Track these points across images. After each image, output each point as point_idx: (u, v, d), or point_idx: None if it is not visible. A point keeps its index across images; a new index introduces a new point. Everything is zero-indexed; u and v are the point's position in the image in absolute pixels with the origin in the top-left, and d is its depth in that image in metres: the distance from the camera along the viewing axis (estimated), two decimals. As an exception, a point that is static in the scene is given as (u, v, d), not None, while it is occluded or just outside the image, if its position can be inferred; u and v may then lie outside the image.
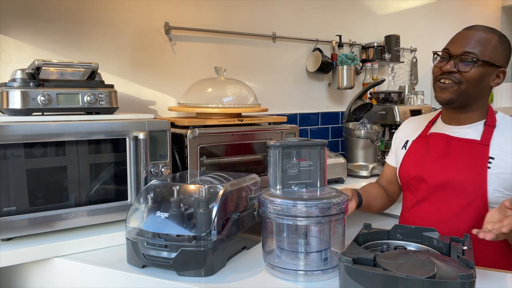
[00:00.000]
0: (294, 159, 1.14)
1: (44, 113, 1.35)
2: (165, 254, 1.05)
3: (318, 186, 1.16)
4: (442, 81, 1.25)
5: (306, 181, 1.15)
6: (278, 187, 1.14)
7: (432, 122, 1.40)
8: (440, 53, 1.28)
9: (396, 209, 1.51)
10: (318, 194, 1.10)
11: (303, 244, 1.07)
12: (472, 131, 1.27)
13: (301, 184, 1.15)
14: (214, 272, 1.06)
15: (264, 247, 1.11)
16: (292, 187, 1.14)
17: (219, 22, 2.09)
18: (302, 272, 1.04)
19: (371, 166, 2.19)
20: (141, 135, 1.34)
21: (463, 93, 1.23)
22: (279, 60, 2.34)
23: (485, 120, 1.27)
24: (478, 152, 1.23)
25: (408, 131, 1.46)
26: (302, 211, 1.01)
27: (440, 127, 1.34)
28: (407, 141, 1.42)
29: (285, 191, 1.12)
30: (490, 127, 1.25)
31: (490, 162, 1.21)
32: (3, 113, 1.36)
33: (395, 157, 1.47)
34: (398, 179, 1.43)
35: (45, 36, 1.67)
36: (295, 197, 1.05)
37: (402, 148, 1.43)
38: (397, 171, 1.42)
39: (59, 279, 1.21)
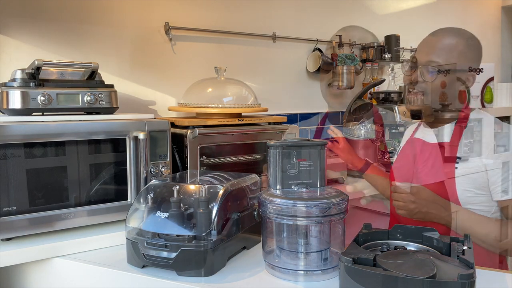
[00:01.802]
0: (294, 159, 1.14)
1: (44, 113, 1.35)
2: (165, 254, 1.04)
3: (318, 186, 1.16)
4: (410, 90, 1.25)
5: (306, 181, 1.15)
6: (278, 187, 1.14)
7: (417, 127, 1.40)
8: (408, 61, 1.27)
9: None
10: (318, 194, 1.10)
11: (303, 244, 1.07)
12: (446, 132, 1.26)
13: (301, 184, 1.14)
14: (214, 272, 1.06)
15: (264, 247, 1.11)
16: (292, 187, 1.14)
17: (219, 22, 2.09)
18: (302, 272, 1.04)
19: (371, 166, 2.19)
20: (141, 135, 1.34)
21: (431, 103, 1.23)
22: (279, 60, 2.34)
23: (456, 120, 1.26)
24: (448, 153, 1.22)
25: (403, 139, 1.49)
26: (302, 211, 1.01)
27: (421, 131, 1.35)
28: (400, 147, 1.46)
29: (285, 191, 1.12)
30: (460, 127, 1.23)
31: (457, 162, 1.20)
32: (3, 113, 1.36)
33: None
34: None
35: (45, 36, 1.67)
36: (295, 197, 1.05)
37: (395, 155, 1.46)
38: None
39: (59, 279, 1.21)
